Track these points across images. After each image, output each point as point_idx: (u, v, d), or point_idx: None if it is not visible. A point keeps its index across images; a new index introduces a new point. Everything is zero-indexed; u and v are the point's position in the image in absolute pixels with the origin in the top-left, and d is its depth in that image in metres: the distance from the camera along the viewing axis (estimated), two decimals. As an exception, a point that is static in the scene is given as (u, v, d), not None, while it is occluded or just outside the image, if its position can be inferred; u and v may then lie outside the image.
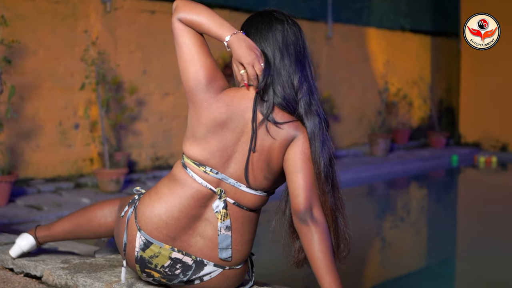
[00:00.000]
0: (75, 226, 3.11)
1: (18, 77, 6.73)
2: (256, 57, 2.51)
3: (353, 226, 2.74)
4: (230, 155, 2.57)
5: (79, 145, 7.30)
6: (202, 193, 2.58)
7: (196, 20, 2.52)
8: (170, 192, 2.61)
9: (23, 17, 6.81)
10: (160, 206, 2.59)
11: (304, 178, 2.52)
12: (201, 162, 2.58)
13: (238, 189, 2.60)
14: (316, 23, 10.17)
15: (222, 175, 2.58)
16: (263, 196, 2.65)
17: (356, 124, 10.97)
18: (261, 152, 2.56)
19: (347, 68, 10.77)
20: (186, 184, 2.59)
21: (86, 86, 7.02)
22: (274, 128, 2.54)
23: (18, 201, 6.23)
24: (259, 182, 2.60)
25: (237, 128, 2.55)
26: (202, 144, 2.57)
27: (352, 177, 8.89)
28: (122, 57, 7.67)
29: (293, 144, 2.55)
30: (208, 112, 2.54)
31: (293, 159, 2.54)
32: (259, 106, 2.56)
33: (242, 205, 2.62)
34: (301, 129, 2.55)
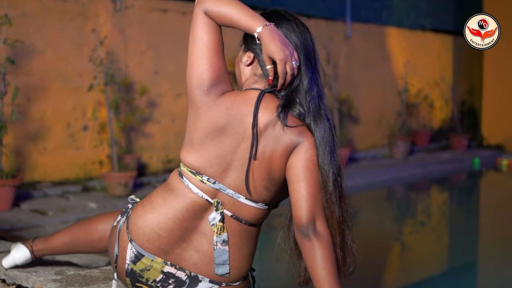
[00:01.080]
0: (73, 240, 2.99)
1: (25, 78, 6.60)
2: (290, 54, 2.35)
3: (372, 231, 2.54)
4: (229, 163, 2.41)
5: (88, 148, 7.15)
6: (197, 204, 2.43)
7: (223, 12, 2.37)
8: (164, 202, 2.45)
9: (30, 16, 6.67)
10: (153, 217, 2.44)
11: (307, 188, 2.34)
12: (197, 170, 2.42)
13: (237, 200, 2.43)
14: (334, 23, 10.03)
15: (219, 185, 2.41)
16: (263, 209, 2.47)
17: (375, 125, 10.82)
18: (261, 160, 2.38)
19: (366, 69, 10.61)
20: (181, 194, 2.44)
21: (95, 87, 6.86)
22: (276, 134, 2.37)
23: (22, 205, 6.09)
24: (260, 193, 2.42)
25: (237, 134, 2.39)
26: (199, 150, 2.41)
27: (370, 180, 8.79)
28: (133, 57, 7.50)
29: (296, 151, 2.37)
30: (206, 116, 2.39)
31: (295, 167, 2.36)
32: (263, 110, 2.38)
33: (240, 218, 2.45)
34: (305, 135, 2.37)
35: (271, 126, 2.38)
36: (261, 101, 2.39)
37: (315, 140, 2.37)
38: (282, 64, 2.34)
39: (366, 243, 5.94)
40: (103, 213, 2.97)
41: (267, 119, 2.38)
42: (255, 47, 2.46)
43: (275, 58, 2.34)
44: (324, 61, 9.20)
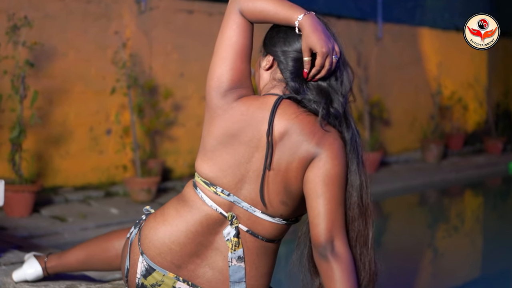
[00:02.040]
0: (89, 256, 2.90)
1: (47, 81, 6.49)
2: (332, 48, 2.22)
3: (404, 237, 2.39)
4: (243, 174, 2.26)
5: (111, 152, 7.03)
6: (212, 218, 2.29)
7: (260, 6, 2.25)
8: (177, 214, 2.33)
9: (52, 17, 6.56)
10: (165, 230, 2.33)
11: (325, 205, 2.17)
12: (211, 181, 2.28)
13: (252, 214, 2.28)
14: (365, 23, 9.85)
15: (234, 197, 2.27)
16: (281, 224, 2.31)
17: (408, 128, 10.61)
18: (277, 172, 2.22)
19: (398, 70, 10.41)
20: (195, 207, 2.31)
21: (118, 90, 6.72)
22: (292, 144, 2.21)
23: (43, 211, 5.97)
24: (276, 208, 2.27)
25: (251, 142, 2.24)
26: (213, 158, 2.28)
27: (402, 185, 8.63)
28: (158, 59, 7.37)
29: (313, 165, 2.20)
30: (220, 120, 2.25)
31: (312, 182, 2.19)
32: (280, 117, 2.23)
33: (256, 233, 2.29)
34: (325, 144, 2.20)
35: (287, 135, 2.21)
36: (278, 107, 2.23)
37: (346, 146, 2.23)
38: (323, 58, 2.21)
39: (398, 249, 5.96)
40: (120, 229, 2.88)
41: (283, 127, 2.22)
42: (275, 50, 2.32)
43: (316, 49, 2.20)
44: (354, 63, 9.03)
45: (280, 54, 2.30)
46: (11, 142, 5.72)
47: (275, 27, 2.35)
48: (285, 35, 2.31)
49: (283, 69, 2.29)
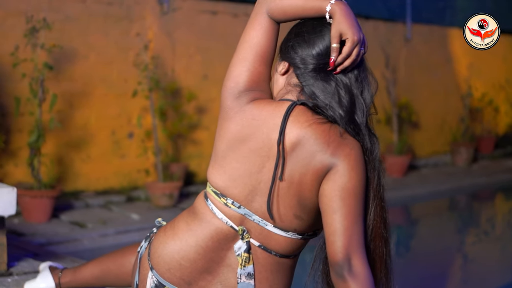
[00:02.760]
0: (104, 272, 2.85)
1: (67, 84, 6.41)
2: (362, 38, 2.12)
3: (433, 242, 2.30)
4: (254, 185, 2.13)
5: (133, 156, 6.92)
6: (222, 232, 2.17)
7: (288, 3, 2.16)
8: (187, 228, 2.22)
9: (73, 19, 6.47)
10: (174, 244, 2.22)
11: (342, 221, 2.02)
12: (221, 191, 2.16)
13: (264, 228, 2.15)
14: (394, 24, 9.66)
15: (245, 209, 2.14)
16: (296, 239, 2.17)
17: (437, 131, 10.42)
18: (289, 185, 2.08)
19: (427, 72, 10.21)
20: (205, 220, 2.19)
21: (140, 92, 6.62)
22: (306, 155, 2.06)
23: (62, 217, 5.88)
24: (289, 222, 2.13)
25: (262, 150, 2.12)
26: (223, 166, 2.16)
27: (431, 190, 8.45)
28: (181, 61, 7.26)
29: (328, 177, 2.05)
30: (230, 122, 2.16)
31: (328, 196, 2.05)
32: (292, 125, 2.09)
33: (269, 249, 2.16)
34: (341, 155, 2.05)
35: (300, 145, 2.07)
36: (291, 114, 2.09)
37: (366, 156, 2.09)
38: (353, 45, 2.09)
39: (427, 255, 5.90)
40: (136, 244, 2.77)
41: (295, 136, 2.08)
42: (292, 55, 2.18)
43: (348, 35, 2.08)
44: (382, 65, 8.89)
45: (295, 56, 2.18)
46: (29, 147, 5.63)
47: (292, 32, 2.23)
48: (301, 39, 2.18)
49: (299, 74, 2.16)
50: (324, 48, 2.13)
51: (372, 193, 2.10)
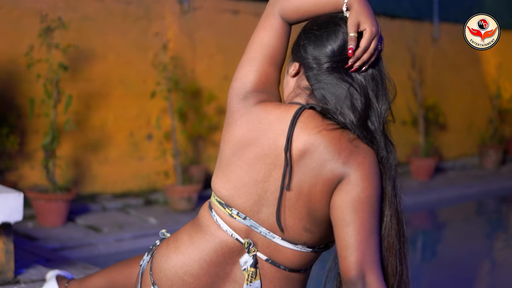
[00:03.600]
0: (111, 283, 2.74)
1: (85, 84, 6.30)
2: (380, 33, 2.03)
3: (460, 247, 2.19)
4: (260, 194, 1.99)
5: (152, 158, 6.79)
6: (227, 246, 2.04)
7: (300, 3, 2.06)
8: (190, 241, 2.09)
9: (90, 19, 6.35)
10: (177, 258, 2.09)
11: (355, 235, 1.87)
12: (226, 201, 2.03)
13: (272, 241, 2.01)
14: (420, 23, 9.47)
15: (251, 221, 2.01)
16: (306, 252, 2.02)
17: (465, 133, 10.22)
18: (298, 196, 1.94)
19: (455, 72, 10.01)
20: (209, 232, 2.06)
21: (158, 93, 6.50)
22: (315, 164, 1.92)
23: (78, 220, 5.76)
24: (298, 235, 1.99)
25: (268, 157, 1.99)
26: (227, 173, 2.04)
27: (458, 193, 8.29)
28: (201, 61, 7.13)
29: (340, 188, 1.91)
30: (235, 126, 2.04)
31: (340, 208, 1.90)
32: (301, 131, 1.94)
33: (277, 263, 2.03)
34: (353, 164, 1.90)
35: (308, 153, 1.92)
36: (298, 119, 1.95)
37: (381, 164, 1.94)
38: (371, 37, 1.97)
39: (454, 260, 5.81)
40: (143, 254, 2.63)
41: (303, 143, 1.93)
42: (303, 55, 2.04)
43: (366, 26, 1.97)
44: (409, 65, 8.73)
45: (307, 56, 2.04)
46: (43, 149, 5.53)
47: (303, 31, 2.10)
48: (313, 37, 2.04)
49: (310, 75, 2.01)
50: (338, 46, 2.00)
51: (388, 205, 1.95)
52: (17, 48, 5.81)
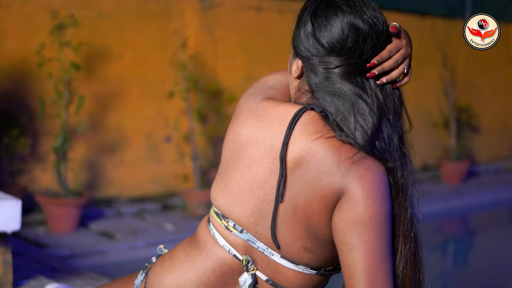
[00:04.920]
0: None
1: (100, 84, 6.10)
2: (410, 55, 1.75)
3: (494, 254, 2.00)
4: (257, 203, 1.73)
5: (171, 161, 6.56)
6: (226, 264, 1.78)
7: None
8: (186, 259, 1.83)
9: (106, 16, 6.14)
10: (172, 278, 1.84)
11: (361, 261, 1.59)
12: (222, 211, 1.77)
13: (271, 259, 1.74)
14: (452, 21, 9.15)
15: (248, 234, 1.75)
16: (310, 274, 1.74)
17: (499, 135, 9.96)
18: (294, 212, 1.67)
19: (488, 72, 9.73)
20: (206, 249, 1.81)
21: (177, 93, 6.30)
22: (311, 176, 1.65)
23: (92, 226, 5.55)
24: (297, 254, 1.71)
25: (263, 160, 1.73)
26: (225, 178, 1.79)
27: (491, 198, 8.09)
28: (223, 61, 6.90)
29: (340, 206, 1.62)
30: (233, 123, 1.81)
31: (342, 230, 1.62)
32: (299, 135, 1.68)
33: (278, 284, 1.75)
34: (354, 178, 1.61)
35: (304, 163, 1.66)
36: (298, 121, 1.69)
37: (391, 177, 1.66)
38: (405, 54, 1.74)
39: (487, 268, 5.79)
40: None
41: (299, 150, 1.68)
42: (305, 54, 1.73)
43: (403, 43, 1.74)
44: (440, 65, 8.51)
45: (312, 57, 1.72)
46: (54, 151, 5.33)
47: (302, 17, 1.77)
48: (320, 25, 1.72)
49: (311, 83, 1.72)
50: (354, 35, 1.68)
51: (401, 229, 1.67)
52: (29, 47, 5.62)
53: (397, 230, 1.66)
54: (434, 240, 6.61)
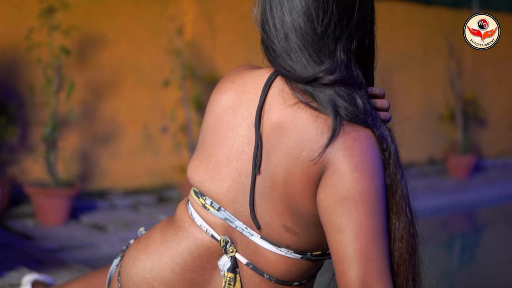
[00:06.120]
0: None
1: (94, 72, 5.94)
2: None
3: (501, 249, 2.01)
4: (235, 177, 1.56)
5: (167, 152, 6.41)
6: (204, 245, 1.61)
7: None
8: (161, 239, 1.67)
9: (100, 1, 5.99)
10: (145, 260, 1.68)
11: (351, 243, 1.40)
12: (199, 188, 1.61)
13: (250, 240, 1.57)
14: (458, 11, 8.98)
15: (226, 213, 1.58)
16: (293, 259, 1.56)
17: (506, 129, 9.85)
18: (272, 185, 1.50)
19: (496, 64, 9.58)
20: (182, 229, 1.64)
21: (173, 82, 6.14)
22: (291, 145, 1.47)
23: (83, 218, 5.37)
24: (277, 234, 1.53)
25: (240, 127, 1.58)
26: (202, 153, 1.63)
27: (498, 192, 8.04)
28: (221, 49, 6.74)
29: (325, 182, 1.44)
30: (214, 92, 1.66)
31: (328, 209, 1.43)
32: (277, 100, 1.52)
33: (259, 269, 1.57)
34: (340, 149, 1.43)
35: (283, 130, 1.49)
36: (273, 85, 1.54)
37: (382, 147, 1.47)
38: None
39: (494, 264, 5.66)
40: None
41: (277, 115, 1.52)
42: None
43: None
44: (446, 56, 8.36)
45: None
46: (44, 140, 5.14)
47: None
48: None
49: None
50: None
51: (394, 204, 1.47)
52: (17, 32, 5.46)
53: (391, 205, 1.48)
54: (441, 235, 6.55)
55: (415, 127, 8.39)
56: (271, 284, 1.57)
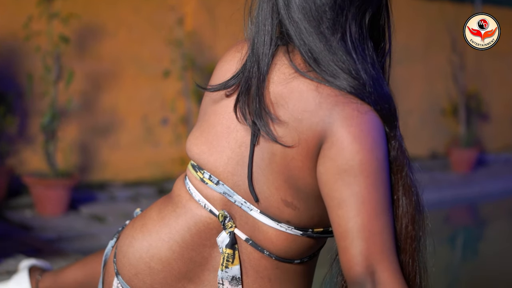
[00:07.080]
0: (89, 276, 2.29)
1: (94, 62, 5.93)
2: None
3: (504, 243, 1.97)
4: (234, 149, 1.53)
5: (168, 143, 6.39)
6: (202, 221, 1.56)
7: None
8: (158, 217, 1.63)
9: (100, -9, 5.98)
10: (142, 239, 1.63)
11: (353, 217, 1.35)
12: (197, 162, 1.57)
13: (249, 215, 1.52)
14: (461, 5, 8.96)
15: (224, 186, 1.53)
16: (294, 235, 1.52)
17: (509, 123, 9.82)
18: (271, 157, 1.47)
19: (498, 58, 9.52)
20: (180, 204, 1.60)
21: (174, 73, 6.12)
22: (289, 115, 1.45)
23: (83, 209, 5.36)
24: (276, 209, 1.49)
25: None
26: (202, 125, 1.60)
27: (501, 187, 8.01)
28: (222, 40, 6.71)
29: (324, 154, 1.40)
30: (218, 64, 1.65)
31: (328, 182, 1.40)
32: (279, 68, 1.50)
33: (259, 245, 1.53)
34: (338, 118, 1.39)
35: (282, 99, 1.46)
36: (276, 56, 1.51)
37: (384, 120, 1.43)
38: None
39: (497, 259, 5.63)
40: None
41: (275, 85, 1.49)
42: None
43: None
44: (449, 49, 8.32)
45: None
46: (42, 130, 5.10)
47: None
48: None
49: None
50: None
51: (400, 177, 1.42)
52: (17, 20, 5.43)
53: (396, 180, 1.43)
54: (443, 229, 6.54)
55: (417, 121, 8.36)
56: (271, 261, 1.52)
